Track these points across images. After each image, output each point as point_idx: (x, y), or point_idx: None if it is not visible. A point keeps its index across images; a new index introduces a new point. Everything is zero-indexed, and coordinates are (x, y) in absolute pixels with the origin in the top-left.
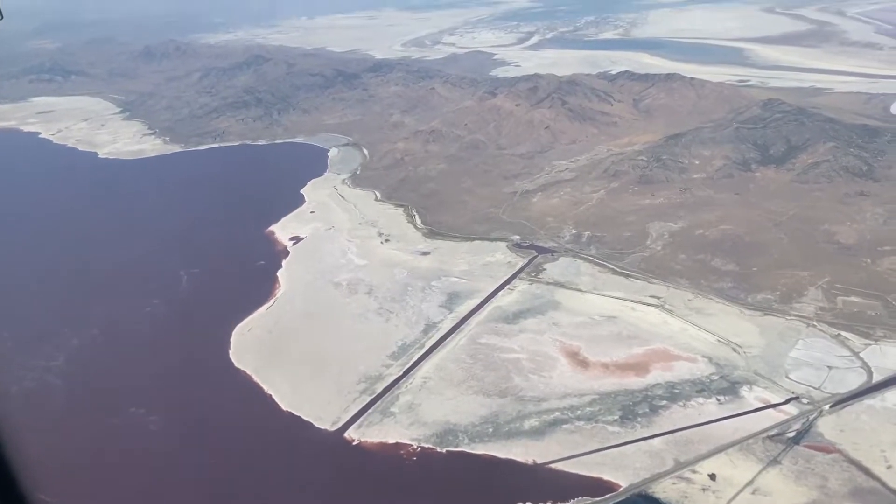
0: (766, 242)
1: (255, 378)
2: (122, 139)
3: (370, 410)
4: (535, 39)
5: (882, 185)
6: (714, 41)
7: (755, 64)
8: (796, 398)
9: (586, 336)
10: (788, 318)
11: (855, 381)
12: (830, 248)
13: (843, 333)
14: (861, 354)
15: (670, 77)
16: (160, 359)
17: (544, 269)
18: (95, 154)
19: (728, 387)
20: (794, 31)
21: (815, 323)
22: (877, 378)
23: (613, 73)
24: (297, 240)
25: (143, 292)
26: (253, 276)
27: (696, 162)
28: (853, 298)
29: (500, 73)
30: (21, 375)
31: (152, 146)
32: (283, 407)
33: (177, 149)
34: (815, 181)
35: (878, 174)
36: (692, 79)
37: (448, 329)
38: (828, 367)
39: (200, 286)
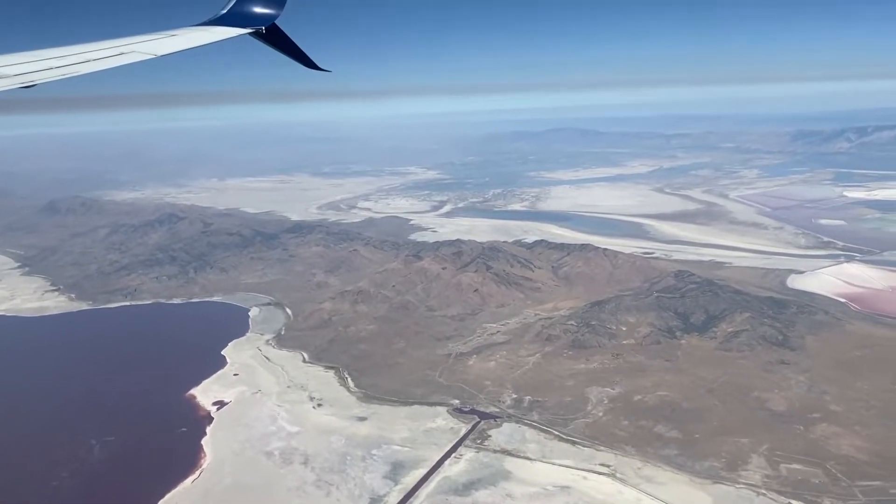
0: (703, 409)
1: None
2: (22, 295)
3: None
4: (447, 208)
5: (799, 354)
6: (614, 216)
7: (655, 238)
8: None
9: None
10: (738, 486)
11: None
12: (764, 415)
13: (793, 502)
14: None
15: (585, 247)
16: None
17: (489, 436)
18: None
19: None
20: (685, 210)
21: (764, 491)
22: None
23: (529, 241)
24: (221, 405)
25: (48, 464)
26: (175, 444)
27: (624, 328)
28: (795, 466)
29: (418, 237)
30: None
31: (56, 303)
32: None
33: (84, 306)
34: (738, 349)
35: (793, 343)
36: (605, 249)
37: (396, 503)
38: None
39: (115, 456)
